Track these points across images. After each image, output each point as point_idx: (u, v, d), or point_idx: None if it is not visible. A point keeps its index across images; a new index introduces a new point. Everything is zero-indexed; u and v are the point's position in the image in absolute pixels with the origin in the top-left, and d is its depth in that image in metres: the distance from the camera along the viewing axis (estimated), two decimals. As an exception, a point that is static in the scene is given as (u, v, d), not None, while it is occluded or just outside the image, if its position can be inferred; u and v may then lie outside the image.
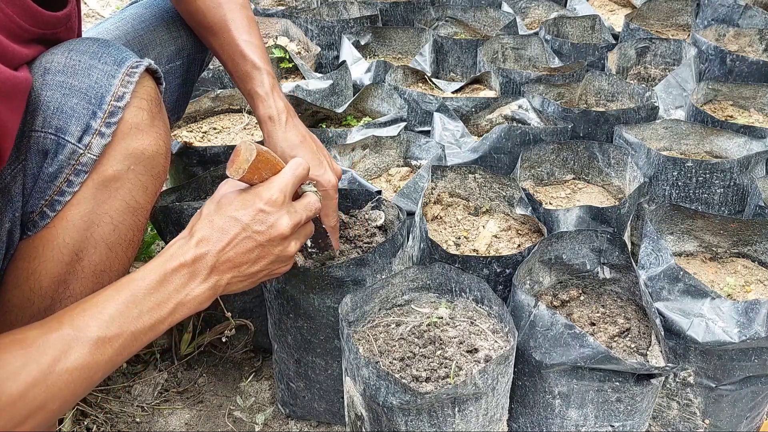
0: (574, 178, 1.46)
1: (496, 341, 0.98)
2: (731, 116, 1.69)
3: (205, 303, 0.79)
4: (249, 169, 0.78)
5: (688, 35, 2.27)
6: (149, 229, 1.50)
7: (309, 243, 1.05)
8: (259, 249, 0.81)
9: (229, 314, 1.22)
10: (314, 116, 1.65)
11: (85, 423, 1.18)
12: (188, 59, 1.21)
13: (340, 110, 1.63)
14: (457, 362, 0.94)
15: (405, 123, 1.53)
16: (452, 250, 1.21)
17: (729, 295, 1.15)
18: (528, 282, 1.13)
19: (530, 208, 1.23)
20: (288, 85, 1.70)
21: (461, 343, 0.98)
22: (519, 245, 1.21)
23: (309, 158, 1.03)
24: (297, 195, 0.87)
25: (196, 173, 1.43)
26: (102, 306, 0.70)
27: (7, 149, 0.68)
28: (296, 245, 0.86)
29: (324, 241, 1.05)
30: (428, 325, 1.02)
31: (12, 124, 0.68)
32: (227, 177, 0.82)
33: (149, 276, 0.74)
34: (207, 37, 1.14)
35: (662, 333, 1.01)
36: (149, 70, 0.81)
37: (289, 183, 0.83)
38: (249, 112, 1.71)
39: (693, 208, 1.22)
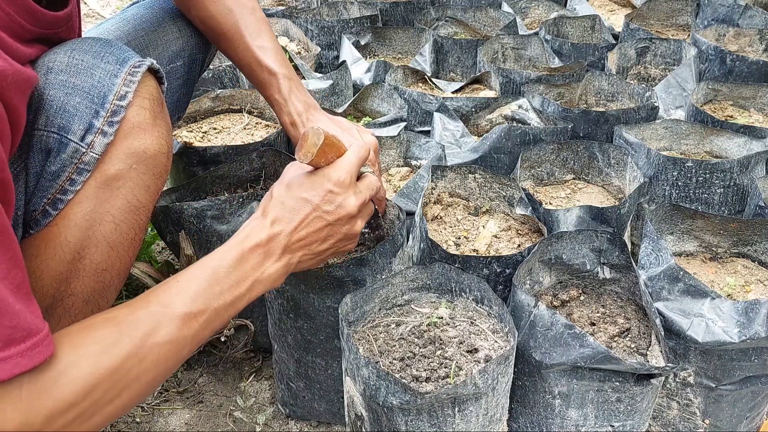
0: (574, 178, 1.46)
1: (496, 341, 0.98)
2: (731, 116, 1.69)
3: (279, 280, 0.83)
4: (317, 153, 0.82)
5: (688, 35, 2.27)
6: (149, 229, 1.50)
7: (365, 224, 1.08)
8: (329, 228, 0.86)
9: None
10: (314, 116, 1.65)
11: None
12: (189, 59, 1.21)
13: (340, 110, 1.63)
14: (457, 362, 0.94)
15: (405, 123, 1.53)
16: (452, 250, 1.21)
17: (729, 295, 1.15)
18: (528, 282, 1.13)
19: (530, 208, 1.23)
20: (288, 85, 1.70)
21: (461, 343, 0.98)
22: (519, 245, 1.21)
23: (339, 133, 1.08)
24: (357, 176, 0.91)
25: (196, 173, 1.43)
26: (186, 284, 0.74)
27: (17, 141, 0.69)
28: (362, 223, 0.90)
29: (376, 220, 1.07)
30: (428, 325, 1.02)
31: (23, 116, 0.69)
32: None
33: (228, 255, 0.78)
34: (221, 44, 1.17)
35: (662, 333, 1.01)
36: (151, 70, 0.81)
37: (354, 164, 0.87)
38: (249, 112, 1.71)
39: (693, 208, 1.23)
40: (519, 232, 1.26)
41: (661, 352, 1.01)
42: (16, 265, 0.60)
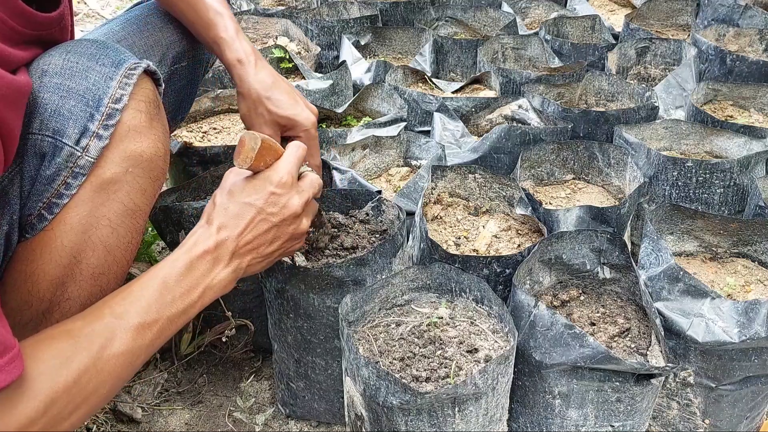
0: (574, 178, 1.46)
1: (496, 341, 0.98)
2: (731, 116, 1.69)
3: (230, 285, 0.83)
4: (255, 157, 0.82)
5: (688, 35, 2.27)
6: (149, 229, 1.50)
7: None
8: (275, 229, 0.86)
9: (229, 314, 1.22)
10: (314, 116, 1.65)
11: (85, 423, 1.18)
12: (193, 61, 1.21)
13: (340, 110, 1.63)
14: (457, 362, 0.94)
15: (405, 123, 1.52)
16: (452, 250, 1.21)
17: (729, 295, 1.15)
18: (528, 282, 1.13)
19: (530, 208, 1.23)
20: (288, 85, 1.70)
21: (461, 343, 0.98)
22: (519, 245, 1.21)
23: (284, 98, 1.05)
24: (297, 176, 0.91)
25: (196, 173, 1.43)
26: (138, 294, 0.74)
27: (12, 152, 0.68)
28: (307, 222, 0.91)
29: (319, 219, 1.07)
30: (428, 325, 1.02)
31: (16, 127, 0.69)
32: (233, 166, 0.86)
33: (177, 264, 0.78)
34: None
35: (662, 333, 1.01)
36: (148, 72, 0.80)
37: (293, 164, 0.87)
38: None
39: (693, 208, 1.23)
40: (519, 232, 1.26)
41: (661, 352, 1.01)
42: None
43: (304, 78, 1.85)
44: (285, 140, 1.07)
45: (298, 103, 1.06)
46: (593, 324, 1.09)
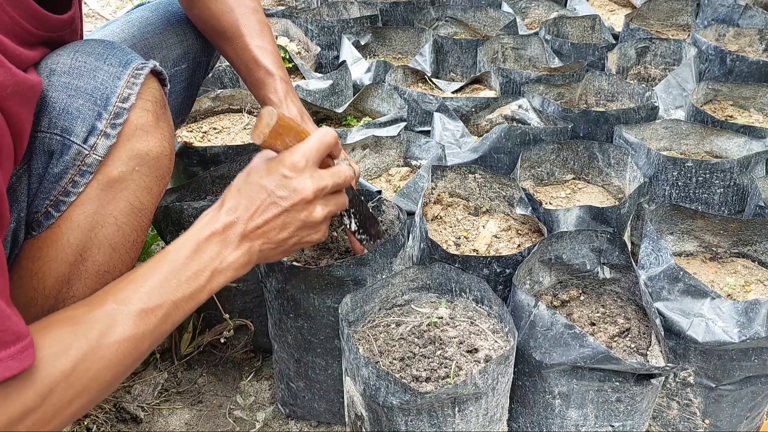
0: (574, 178, 1.46)
1: (496, 341, 0.98)
2: (731, 116, 1.69)
3: (242, 269, 0.80)
4: (270, 134, 0.78)
5: (688, 35, 2.27)
6: (150, 229, 1.50)
7: (360, 229, 1.04)
8: (285, 215, 0.82)
9: (226, 316, 1.22)
10: (314, 116, 1.65)
11: (85, 423, 1.18)
12: (193, 63, 1.21)
13: (340, 110, 1.63)
14: (457, 362, 0.94)
15: (405, 123, 1.53)
16: (452, 250, 1.21)
17: (729, 295, 1.15)
18: (528, 282, 1.13)
19: (530, 208, 1.23)
20: (288, 85, 1.70)
21: (461, 343, 0.98)
22: (519, 245, 1.21)
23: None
24: (329, 167, 0.87)
25: (196, 173, 1.43)
26: (142, 279, 0.73)
27: (23, 149, 0.69)
28: (323, 210, 0.84)
29: (374, 227, 1.04)
30: (428, 325, 1.02)
31: (27, 124, 0.69)
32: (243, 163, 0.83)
33: (184, 247, 0.77)
34: (220, 43, 1.15)
35: (662, 333, 1.01)
36: (154, 72, 0.81)
37: (312, 148, 0.82)
38: (249, 112, 1.71)
39: (693, 208, 1.23)
40: (519, 232, 1.26)
41: (661, 352, 1.01)
42: (1, 273, 0.60)
43: (304, 78, 1.85)
44: None
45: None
46: (593, 324, 1.10)
